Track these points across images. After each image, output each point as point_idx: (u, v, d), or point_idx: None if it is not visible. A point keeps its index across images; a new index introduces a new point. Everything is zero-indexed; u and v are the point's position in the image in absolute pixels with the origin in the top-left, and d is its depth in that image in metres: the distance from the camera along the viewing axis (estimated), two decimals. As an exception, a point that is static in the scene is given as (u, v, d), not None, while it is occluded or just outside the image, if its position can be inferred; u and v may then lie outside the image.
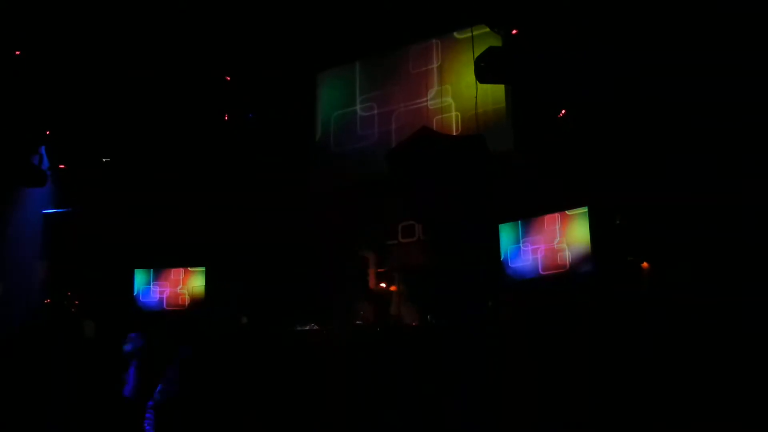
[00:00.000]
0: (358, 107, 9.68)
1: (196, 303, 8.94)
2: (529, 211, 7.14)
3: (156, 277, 9.14)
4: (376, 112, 9.46)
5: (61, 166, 8.94)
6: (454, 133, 8.30)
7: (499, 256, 7.23)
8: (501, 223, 7.28)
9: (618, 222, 6.86)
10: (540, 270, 6.97)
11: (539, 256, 6.97)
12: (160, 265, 9.15)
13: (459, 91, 8.67)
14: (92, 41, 8.28)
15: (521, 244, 7.13)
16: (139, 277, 9.15)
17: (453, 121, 8.57)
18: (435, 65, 8.95)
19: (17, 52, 8.10)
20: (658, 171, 6.39)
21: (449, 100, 8.78)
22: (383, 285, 7.84)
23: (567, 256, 6.75)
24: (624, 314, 6.29)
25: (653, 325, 6.02)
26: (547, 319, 6.68)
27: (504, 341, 6.82)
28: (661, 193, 6.35)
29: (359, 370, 5.93)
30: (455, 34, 8.78)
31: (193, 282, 8.99)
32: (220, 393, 5.29)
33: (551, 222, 6.96)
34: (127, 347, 6.29)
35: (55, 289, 9.14)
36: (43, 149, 8.98)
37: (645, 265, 6.77)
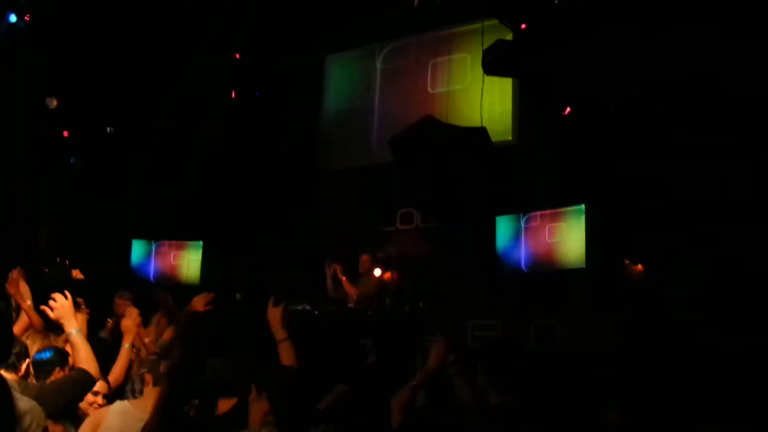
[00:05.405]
0: (365, 91, 9.69)
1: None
2: (528, 205, 7.15)
3: (154, 249, 9.11)
4: (383, 97, 9.49)
5: (65, 134, 8.95)
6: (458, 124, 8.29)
7: (495, 248, 7.25)
8: (499, 215, 7.30)
9: (617, 221, 6.85)
10: (534, 264, 6.99)
11: (534, 250, 6.99)
12: (158, 236, 9.13)
13: (465, 82, 8.67)
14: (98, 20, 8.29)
15: (517, 238, 7.15)
16: (137, 248, 9.13)
17: (458, 111, 8.57)
18: (442, 56, 8.95)
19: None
20: (659, 172, 6.39)
21: (455, 90, 8.77)
22: (379, 271, 7.83)
23: (561, 252, 6.77)
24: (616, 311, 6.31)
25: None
26: (538, 312, 6.70)
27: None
28: (661, 194, 6.36)
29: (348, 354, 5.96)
30: (464, 26, 8.76)
31: (190, 256, 8.97)
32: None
33: (548, 217, 6.97)
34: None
35: (54, 258, 9.13)
36: None
37: (639, 267, 6.77)
